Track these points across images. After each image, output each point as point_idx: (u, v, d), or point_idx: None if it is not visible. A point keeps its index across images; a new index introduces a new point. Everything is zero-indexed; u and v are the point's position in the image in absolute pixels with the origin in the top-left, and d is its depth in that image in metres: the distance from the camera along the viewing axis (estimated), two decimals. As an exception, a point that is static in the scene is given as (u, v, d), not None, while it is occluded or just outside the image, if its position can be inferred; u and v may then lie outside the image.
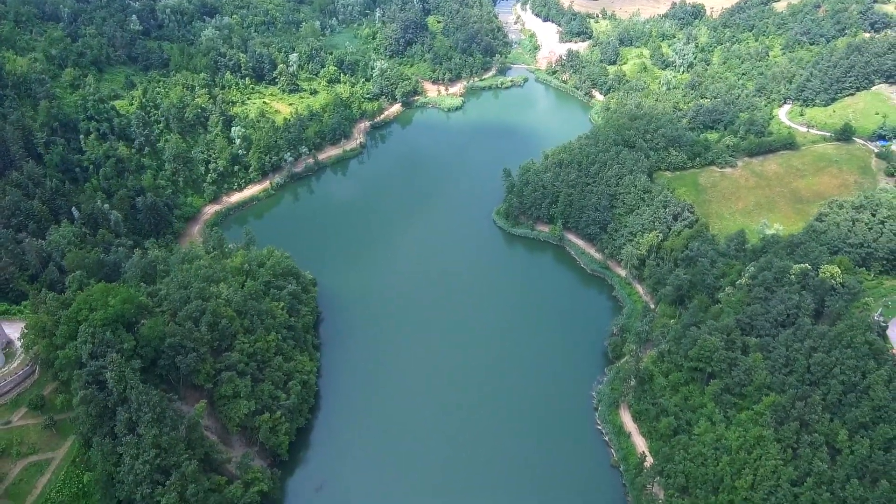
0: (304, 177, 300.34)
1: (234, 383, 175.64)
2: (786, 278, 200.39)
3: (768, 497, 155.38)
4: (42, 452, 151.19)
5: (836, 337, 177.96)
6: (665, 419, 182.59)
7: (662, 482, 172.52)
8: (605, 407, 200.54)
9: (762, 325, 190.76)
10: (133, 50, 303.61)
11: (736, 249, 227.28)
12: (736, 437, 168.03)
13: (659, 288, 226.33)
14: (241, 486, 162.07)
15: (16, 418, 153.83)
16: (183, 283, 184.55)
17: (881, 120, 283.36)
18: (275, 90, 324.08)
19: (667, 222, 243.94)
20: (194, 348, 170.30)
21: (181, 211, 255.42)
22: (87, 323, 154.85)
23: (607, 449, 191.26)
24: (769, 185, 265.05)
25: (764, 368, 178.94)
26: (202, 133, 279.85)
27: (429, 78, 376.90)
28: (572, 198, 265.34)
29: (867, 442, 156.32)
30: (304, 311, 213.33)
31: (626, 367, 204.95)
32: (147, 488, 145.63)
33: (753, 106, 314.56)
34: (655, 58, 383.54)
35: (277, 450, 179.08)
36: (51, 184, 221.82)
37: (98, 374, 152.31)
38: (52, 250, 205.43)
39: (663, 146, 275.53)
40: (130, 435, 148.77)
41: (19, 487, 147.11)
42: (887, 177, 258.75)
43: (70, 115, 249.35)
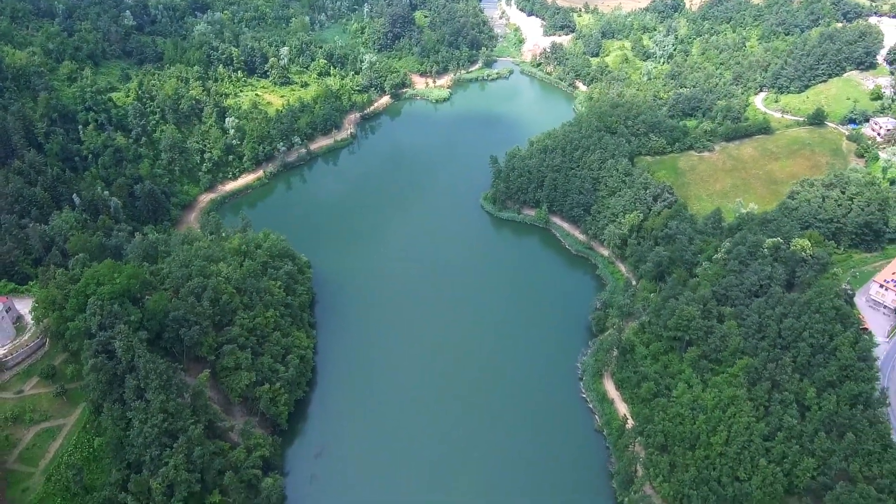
0: (296, 166, 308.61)
1: (236, 356, 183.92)
2: (759, 252, 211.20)
3: (742, 451, 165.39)
4: (54, 419, 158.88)
5: (805, 303, 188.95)
6: (646, 384, 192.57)
7: (643, 441, 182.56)
8: (590, 376, 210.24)
9: (737, 296, 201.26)
10: (127, 44, 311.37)
11: (713, 227, 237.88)
12: (711, 397, 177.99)
13: (640, 265, 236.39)
14: (244, 450, 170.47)
15: (28, 387, 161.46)
16: (184, 261, 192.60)
17: (852, 105, 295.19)
18: (266, 83, 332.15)
19: (647, 203, 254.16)
20: (197, 322, 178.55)
21: (178, 199, 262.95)
22: (95, 296, 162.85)
23: (591, 415, 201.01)
24: (745, 167, 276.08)
25: (738, 335, 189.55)
26: (197, 124, 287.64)
27: (416, 71, 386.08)
28: (557, 182, 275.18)
29: (834, 398, 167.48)
30: (300, 291, 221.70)
31: (609, 339, 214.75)
32: (156, 450, 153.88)
33: (730, 94, 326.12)
34: (637, 49, 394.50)
35: (277, 419, 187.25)
36: (52, 172, 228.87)
37: (107, 344, 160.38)
38: (55, 235, 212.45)
39: (644, 132, 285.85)
40: (139, 401, 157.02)
41: (32, 452, 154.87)
42: (857, 158, 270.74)
43: (69, 106, 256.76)
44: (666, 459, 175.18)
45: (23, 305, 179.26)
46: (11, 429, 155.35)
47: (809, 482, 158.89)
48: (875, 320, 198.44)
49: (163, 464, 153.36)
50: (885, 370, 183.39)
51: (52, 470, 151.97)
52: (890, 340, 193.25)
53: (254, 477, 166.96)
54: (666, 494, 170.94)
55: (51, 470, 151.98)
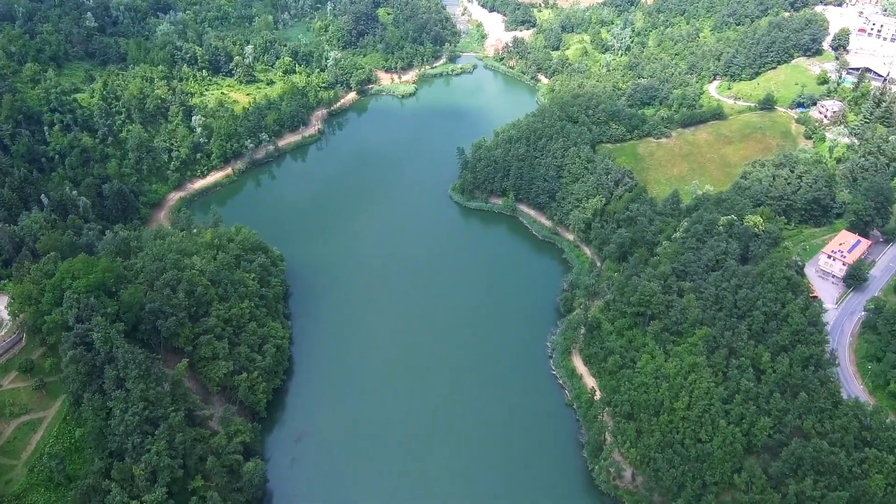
0: (265, 163, 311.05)
1: (213, 346, 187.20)
2: (715, 229, 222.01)
3: (703, 414, 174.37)
4: (34, 412, 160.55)
5: (758, 275, 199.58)
6: (612, 358, 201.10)
7: (610, 411, 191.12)
8: (559, 354, 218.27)
9: (695, 271, 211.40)
10: (90, 46, 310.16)
11: (671, 208, 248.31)
12: (673, 366, 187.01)
13: (604, 247, 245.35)
14: (225, 437, 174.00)
15: (6, 382, 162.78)
16: (158, 255, 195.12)
17: (800, 89, 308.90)
18: (232, 81, 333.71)
19: (609, 188, 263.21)
20: (173, 313, 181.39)
21: (147, 198, 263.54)
22: (71, 290, 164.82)
23: (562, 390, 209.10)
24: (700, 152, 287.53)
25: (697, 307, 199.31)
26: (163, 123, 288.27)
27: (382, 67, 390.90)
28: (522, 171, 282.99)
29: (787, 361, 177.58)
30: (273, 283, 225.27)
31: (576, 318, 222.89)
32: (137, 438, 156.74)
33: (686, 83, 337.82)
34: (596, 42, 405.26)
35: (256, 407, 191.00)
36: (19, 173, 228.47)
37: (85, 336, 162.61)
38: (25, 235, 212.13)
39: (604, 120, 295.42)
40: (119, 390, 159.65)
41: (13, 445, 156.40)
42: (806, 139, 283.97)
43: (33, 108, 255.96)
44: (633, 426, 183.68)
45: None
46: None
47: (766, 440, 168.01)
48: (824, 289, 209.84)
49: (145, 451, 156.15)
50: (834, 334, 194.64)
51: (34, 461, 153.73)
52: (838, 307, 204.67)
53: (235, 462, 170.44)
54: (633, 459, 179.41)
55: (33, 461, 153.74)
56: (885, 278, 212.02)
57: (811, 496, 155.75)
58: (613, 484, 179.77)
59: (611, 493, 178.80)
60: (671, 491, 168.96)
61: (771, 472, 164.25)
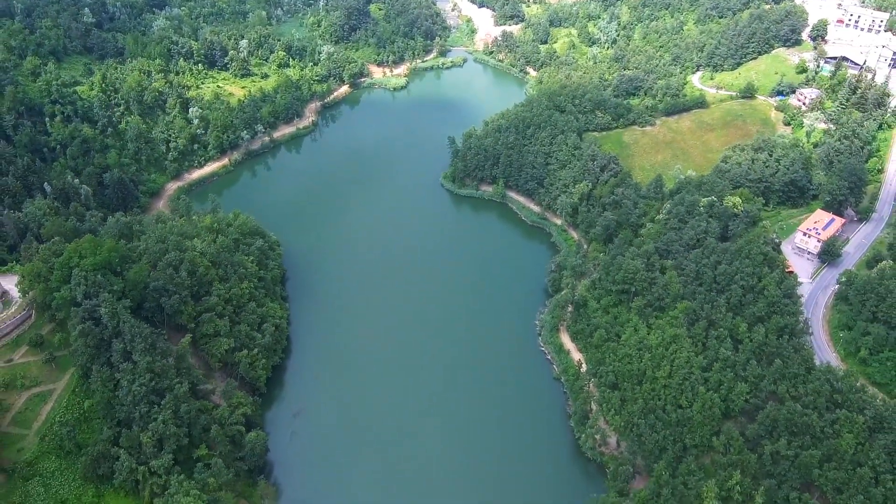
0: (260, 154, 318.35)
1: (215, 323, 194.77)
2: (696, 210, 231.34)
3: (683, 382, 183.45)
4: (44, 384, 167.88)
5: (737, 251, 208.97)
6: (597, 333, 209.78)
7: (596, 382, 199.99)
8: (547, 331, 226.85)
9: (677, 249, 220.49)
10: (88, 40, 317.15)
11: (655, 192, 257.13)
12: (655, 338, 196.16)
13: (590, 230, 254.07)
14: (228, 408, 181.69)
15: (17, 356, 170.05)
16: (160, 237, 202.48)
17: (780, 78, 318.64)
18: (227, 75, 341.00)
19: (595, 174, 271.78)
20: (176, 291, 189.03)
21: (145, 187, 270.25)
22: (79, 268, 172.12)
23: (550, 365, 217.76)
24: (683, 139, 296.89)
25: (678, 283, 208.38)
26: (161, 114, 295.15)
27: (374, 61, 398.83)
28: (511, 158, 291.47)
29: (763, 330, 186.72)
30: (271, 266, 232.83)
31: (563, 297, 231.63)
32: (144, 408, 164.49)
33: (670, 73, 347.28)
34: (583, 36, 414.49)
35: (256, 383, 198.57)
36: (22, 162, 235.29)
37: (93, 311, 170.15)
38: (29, 221, 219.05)
39: (590, 109, 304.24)
40: (126, 363, 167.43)
41: (25, 415, 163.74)
42: (785, 126, 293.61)
43: (35, 99, 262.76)
44: (617, 395, 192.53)
45: (7, 281, 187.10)
46: (3, 394, 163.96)
47: (743, 405, 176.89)
48: (800, 265, 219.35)
49: (152, 420, 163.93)
50: (808, 306, 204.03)
51: (45, 430, 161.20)
52: (813, 281, 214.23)
53: (237, 433, 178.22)
54: (618, 426, 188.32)
55: (44, 431, 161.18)
56: (858, 254, 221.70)
57: (785, 455, 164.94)
58: (599, 451, 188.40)
59: (597, 460, 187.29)
60: (653, 454, 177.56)
61: (748, 434, 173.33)
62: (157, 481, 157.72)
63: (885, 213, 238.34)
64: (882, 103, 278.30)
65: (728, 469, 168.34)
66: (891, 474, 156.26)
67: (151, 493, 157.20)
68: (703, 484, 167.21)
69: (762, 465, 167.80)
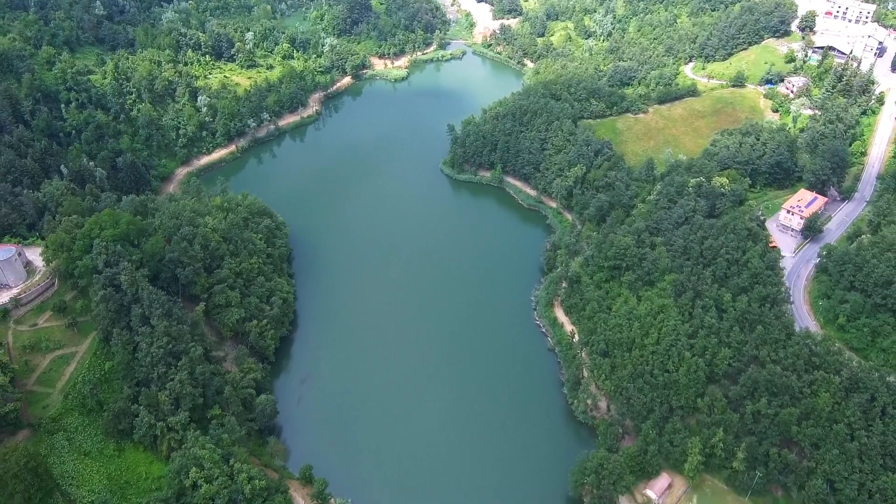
0: (266, 141, 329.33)
1: (226, 294, 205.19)
2: (685, 190, 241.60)
3: (670, 348, 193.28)
4: (67, 347, 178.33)
5: (723, 226, 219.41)
6: (590, 306, 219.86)
7: (588, 350, 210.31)
8: (542, 306, 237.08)
9: (666, 227, 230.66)
10: (100, 32, 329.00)
11: (646, 174, 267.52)
12: (644, 308, 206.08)
13: (584, 211, 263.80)
14: (239, 373, 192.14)
15: (41, 321, 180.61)
16: (174, 214, 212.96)
17: (768, 67, 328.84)
18: (233, 66, 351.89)
19: (589, 158, 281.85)
20: (190, 263, 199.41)
21: (156, 171, 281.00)
22: (100, 238, 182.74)
23: (544, 338, 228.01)
24: (675, 125, 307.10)
25: (667, 257, 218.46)
26: (171, 103, 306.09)
27: (375, 53, 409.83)
28: (509, 144, 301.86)
29: (746, 300, 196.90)
30: (279, 244, 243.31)
31: (558, 274, 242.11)
32: (162, 369, 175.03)
33: (663, 64, 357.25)
34: (579, 29, 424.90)
35: (265, 352, 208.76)
36: (40, 145, 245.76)
37: (113, 278, 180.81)
38: (48, 201, 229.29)
39: (585, 98, 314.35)
40: (145, 327, 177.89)
41: (49, 375, 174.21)
42: (773, 112, 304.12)
43: (51, 87, 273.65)
44: (607, 362, 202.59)
45: (28, 253, 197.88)
46: (29, 356, 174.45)
47: (727, 368, 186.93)
48: (784, 240, 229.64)
49: (169, 380, 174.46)
50: (791, 279, 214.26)
51: (68, 389, 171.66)
52: (796, 256, 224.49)
53: (248, 395, 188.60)
54: (608, 390, 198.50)
55: (67, 389, 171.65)
56: (840, 231, 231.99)
57: (766, 414, 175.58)
58: (591, 415, 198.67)
59: (588, 423, 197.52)
60: (641, 415, 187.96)
61: (730, 395, 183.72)
62: (175, 436, 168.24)
63: (866, 193, 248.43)
64: (867, 90, 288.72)
65: (712, 428, 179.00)
66: (865, 430, 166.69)
67: (169, 448, 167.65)
68: (687, 441, 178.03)
69: (744, 424, 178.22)
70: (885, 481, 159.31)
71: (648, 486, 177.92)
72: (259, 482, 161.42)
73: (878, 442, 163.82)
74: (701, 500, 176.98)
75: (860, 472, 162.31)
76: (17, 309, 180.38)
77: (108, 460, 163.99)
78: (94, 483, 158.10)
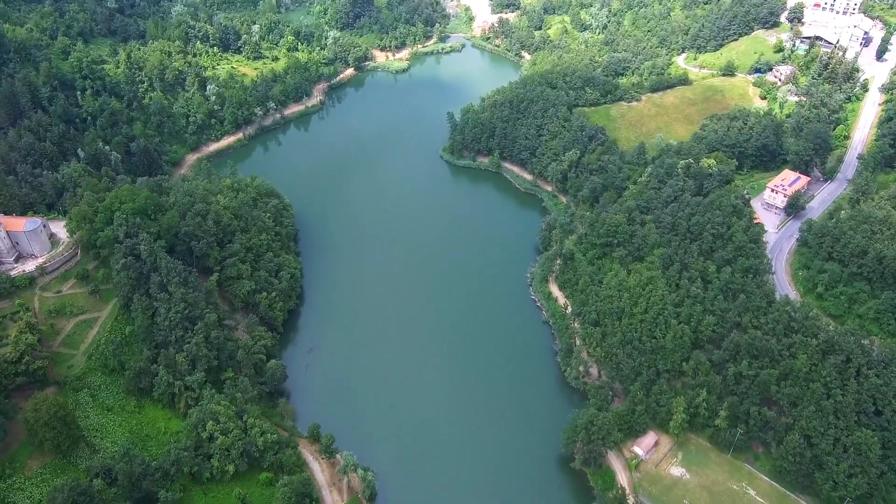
0: (272, 129, 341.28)
1: (237, 267, 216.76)
2: (674, 171, 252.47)
3: (657, 316, 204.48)
4: (90, 313, 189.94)
5: (709, 203, 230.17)
6: (582, 279, 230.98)
7: (580, 320, 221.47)
8: (537, 282, 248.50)
9: (655, 206, 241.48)
10: (112, 24, 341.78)
11: (638, 158, 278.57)
12: (634, 280, 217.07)
13: (578, 193, 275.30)
14: (251, 339, 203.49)
15: (65, 288, 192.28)
16: (188, 192, 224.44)
17: (758, 57, 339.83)
18: (240, 58, 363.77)
19: (583, 143, 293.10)
20: (204, 237, 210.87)
21: (168, 157, 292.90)
22: (120, 211, 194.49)
23: (539, 311, 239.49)
24: (667, 112, 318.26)
25: (655, 233, 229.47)
26: (181, 91, 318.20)
27: (377, 46, 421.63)
28: (506, 131, 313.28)
29: (730, 271, 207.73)
30: (286, 223, 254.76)
31: (553, 252, 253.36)
32: (179, 332, 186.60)
33: (656, 55, 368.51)
34: (575, 22, 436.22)
35: (274, 322, 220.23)
36: (57, 130, 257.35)
37: (133, 248, 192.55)
38: (66, 181, 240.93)
39: (580, 86, 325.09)
40: (163, 293, 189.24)
41: (73, 338, 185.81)
42: (761, 99, 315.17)
43: (67, 75, 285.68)
44: (598, 331, 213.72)
45: (52, 226, 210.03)
46: (54, 320, 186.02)
47: (711, 334, 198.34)
48: (768, 217, 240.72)
49: (186, 343, 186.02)
50: (773, 252, 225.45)
51: (91, 351, 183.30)
52: (779, 231, 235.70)
53: (259, 360, 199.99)
54: (599, 356, 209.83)
55: (90, 351, 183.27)
56: (822, 208, 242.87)
57: (747, 375, 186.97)
58: (582, 380, 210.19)
59: (580, 388, 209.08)
60: (629, 378, 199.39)
61: (714, 359, 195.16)
62: (191, 395, 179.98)
63: (849, 173, 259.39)
64: (851, 77, 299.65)
65: (696, 389, 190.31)
66: (840, 389, 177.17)
67: (186, 405, 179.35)
68: (673, 402, 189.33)
69: (726, 385, 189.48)
70: (858, 436, 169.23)
71: (636, 444, 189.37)
72: (271, 436, 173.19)
73: (852, 400, 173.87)
74: (686, 456, 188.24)
75: (835, 428, 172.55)
76: (42, 277, 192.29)
77: (130, 416, 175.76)
78: (116, 435, 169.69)
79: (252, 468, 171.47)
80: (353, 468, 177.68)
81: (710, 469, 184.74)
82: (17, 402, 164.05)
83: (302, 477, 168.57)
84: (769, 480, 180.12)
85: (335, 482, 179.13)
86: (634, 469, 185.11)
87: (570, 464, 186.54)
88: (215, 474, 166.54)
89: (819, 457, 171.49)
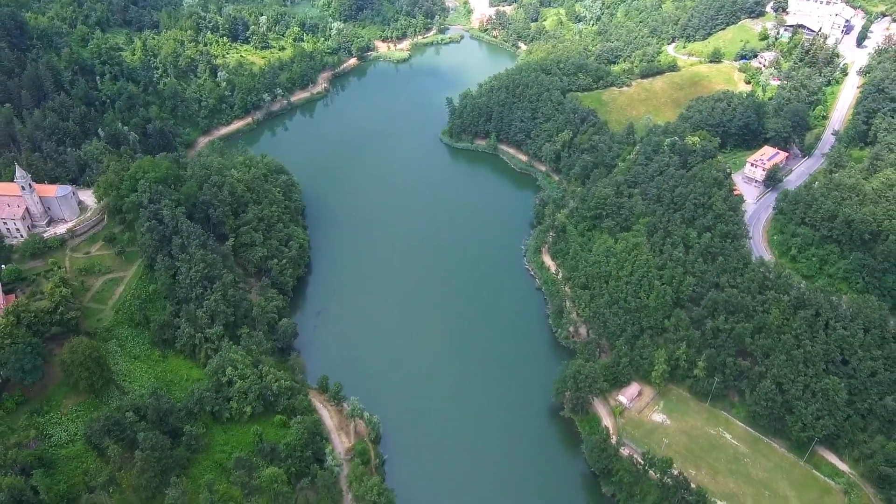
0: (279, 115, 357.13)
1: (251, 235, 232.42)
2: (661, 148, 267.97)
3: (641, 279, 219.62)
4: (116, 272, 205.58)
5: (692, 176, 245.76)
6: (573, 248, 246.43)
7: (570, 284, 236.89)
8: (531, 253, 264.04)
9: (642, 180, 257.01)
10: (127, 14, 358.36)
11: (627, 137, 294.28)
12: (620, 247, 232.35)
13: (570, 171, 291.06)
14: (264, 300, 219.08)
15: (94, 250, 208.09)
16: (204, 165, 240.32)
17: (743, 45, 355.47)
18: (248, 47, 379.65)
19: (576, 124, 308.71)
20: (220, 205, 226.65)
21: (181, 139, 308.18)
22: (144, 179, 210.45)
23: (532, 279, 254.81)
24: (656, 97, 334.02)
25: (642, 204, 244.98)
26: (193, 78, 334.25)
27: (379, 37, 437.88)
28: (502, 115, 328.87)
29: (709, 236, 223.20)
30: (294, 198, 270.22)
31: (546, 225, 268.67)
32: (199, 290, 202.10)
33: (647, 44, 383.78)
34: (570, 14, 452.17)
35: (284, 287, 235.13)
36: (79, 111, 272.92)
37: (156, 213, 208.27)
38: (88, 158, 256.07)
39: (573, 72, 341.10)
40: (184, 254, 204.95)
41: (102, 294, 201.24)
42: (745, 84, 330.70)
43: (87, 60, 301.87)
44: (587, 293, 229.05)
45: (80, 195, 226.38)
46: (84, 277, 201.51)
47: (691, 294, 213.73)
48: (748, 190, 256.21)
49: (205, 299, 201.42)
50: (752, 221, 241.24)
51: (118, 306, 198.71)
52: (757, 202, 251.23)
53: (272, 319, 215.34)
54: (587, 316, 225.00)
55: (118, 306, 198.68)
56: (799, 181, 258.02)
57: (723, 329, 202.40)
58: (572, 339, 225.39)
59: (570, 347, 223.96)
60: (615, 335, 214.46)
61: (693, 316, 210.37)
62: (211, 346, 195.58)
63: (826, 150, 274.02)
64: (831, 62, 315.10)
65: (676, 343, 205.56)
66: (810, 340, 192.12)
67: (206, 356, 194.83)
68: (655, 354, 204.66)
69: (704, 339, 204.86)
70: (826, 383, 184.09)
71: (620, 393, 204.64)
72: (284, 382, 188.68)
73: (821, 350, 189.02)
74: (667, 405, 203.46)
75: (805, 376, 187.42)
76: (72, 239, 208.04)
77: (155, 364, 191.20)
78: (143, 381, 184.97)
79: (267, 411, 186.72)
80: (360, 413, 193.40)
81: (690, 416, 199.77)
82: (52, 348, 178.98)
83: (313, 418, 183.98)
84: (744, 426, 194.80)
85: (343, 426, 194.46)
86: (619, 415, 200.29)
87: (560, 412, 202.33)
88: (234, 415, 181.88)
89: (790, 402, 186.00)
